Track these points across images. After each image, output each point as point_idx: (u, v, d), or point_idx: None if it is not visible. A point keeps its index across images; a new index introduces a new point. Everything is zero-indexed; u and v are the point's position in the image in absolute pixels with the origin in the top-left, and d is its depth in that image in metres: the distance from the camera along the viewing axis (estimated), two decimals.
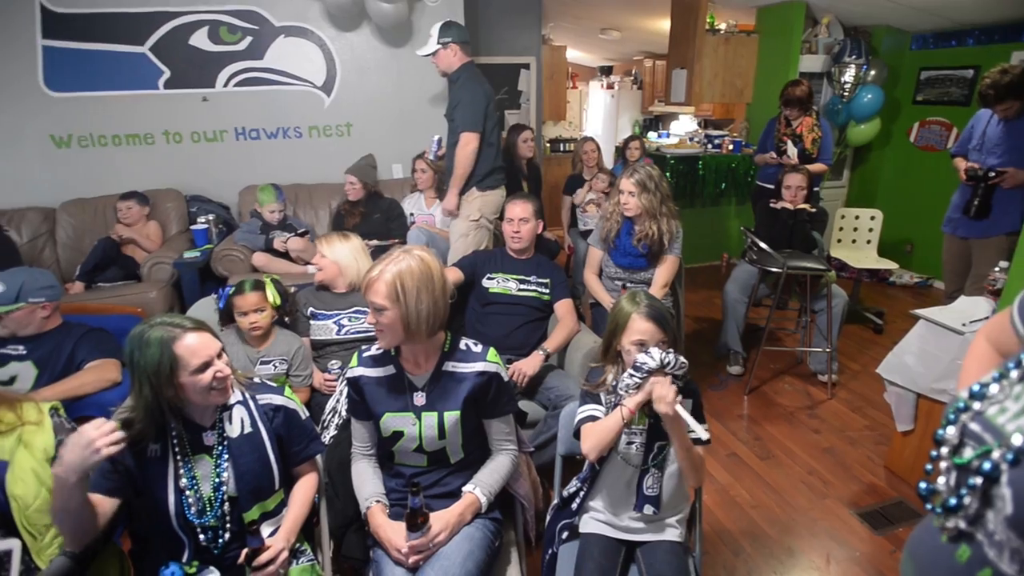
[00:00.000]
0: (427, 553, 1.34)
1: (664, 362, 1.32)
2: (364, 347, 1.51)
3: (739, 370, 3.33)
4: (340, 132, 3.91)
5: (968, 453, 0.72)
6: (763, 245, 3.06)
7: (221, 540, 1.30)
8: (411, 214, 3.52)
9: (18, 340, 1.94)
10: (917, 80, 4.70)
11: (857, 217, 4.25)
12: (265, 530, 1.33)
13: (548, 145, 6.87)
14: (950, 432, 0.76)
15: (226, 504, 1.30)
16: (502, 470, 1.48)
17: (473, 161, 2.82)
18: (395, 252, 1.37)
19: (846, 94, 4.55)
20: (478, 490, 1.42)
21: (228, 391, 1.31)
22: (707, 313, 4.20)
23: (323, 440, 1.77)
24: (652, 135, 7.06)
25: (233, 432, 1.32)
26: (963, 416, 0.76)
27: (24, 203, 3.44)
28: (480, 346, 1.48)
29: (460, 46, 2.90)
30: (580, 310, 2.52)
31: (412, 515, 1.31)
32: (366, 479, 1.47)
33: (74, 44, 3.37)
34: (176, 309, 3.25)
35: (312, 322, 2.16)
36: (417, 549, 1.33)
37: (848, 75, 4.49)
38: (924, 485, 0.76)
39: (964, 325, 2.15)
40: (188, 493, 1.27)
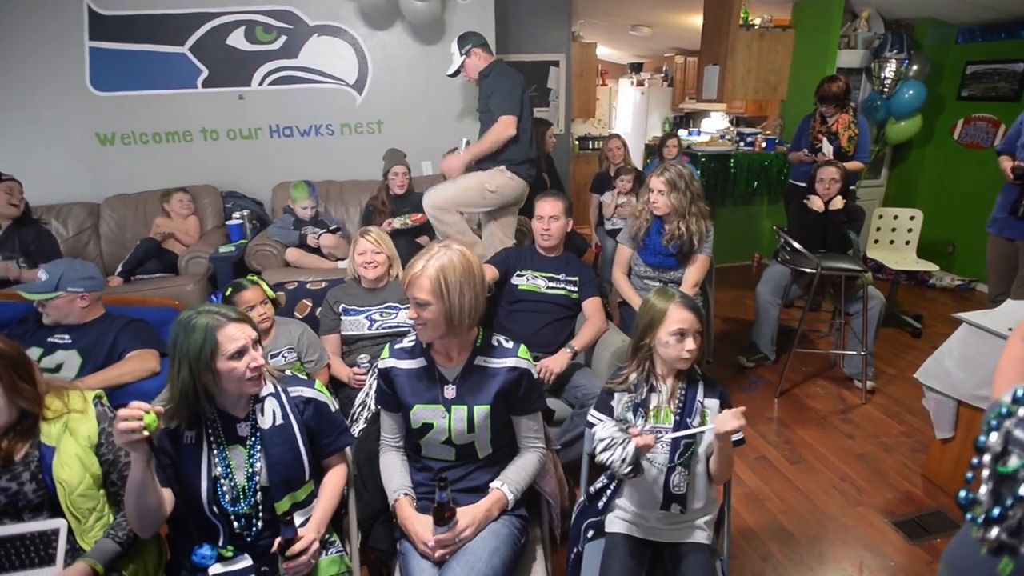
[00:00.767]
0: (453, 547, 1.35)
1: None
2: (396, 339, 1.53)
3: (749, 363, 3.34)
4: (371, 130, 3.96)
5: (1014, 462, 0.69)
6: (796, 245, 3.00)
7: (255, 528, 1.34)
8: None
9: (64, 329, 2.03)
10: (963, 75, 4.52)
11: (896, 217, 4.12)
12: (297, 520, 1.36)
13: (576, 143, 6.84)
14: (993, 439, 0.73)
15: (259, 494, 1.33)
16: (529, 468, 1.48)
17: (503, 143, 2.85)
18: (435, 247, 1.38)
19: (886, 90, 4.41)
20: (505, 487, 1.43)
21: (262, 381, 1.34)
22: (737, 314, 4.13)
23: (352, 433, 1.80)
24: (682, 133, 6.95)
25: (265, 424, 1.35)
26: (1007, 422, 0.73)
27: (70, 198, 3.58)
28: (511, 342, 1.49)
29: (480, 48, 2.96)
30: (608, 309, 2.50)
31: (439, 509, 1.32)
32: (394, 471, 1.49)
33: (118, 45, 3.49)
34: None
35: (343, 317, 2.20)
36: (443, 543, 1.34)
37: (888, 70, 4.35)
38: (964, 494, 0.74)
39: (1009, 330, 2.07)
40: (223, 481, 1.31)
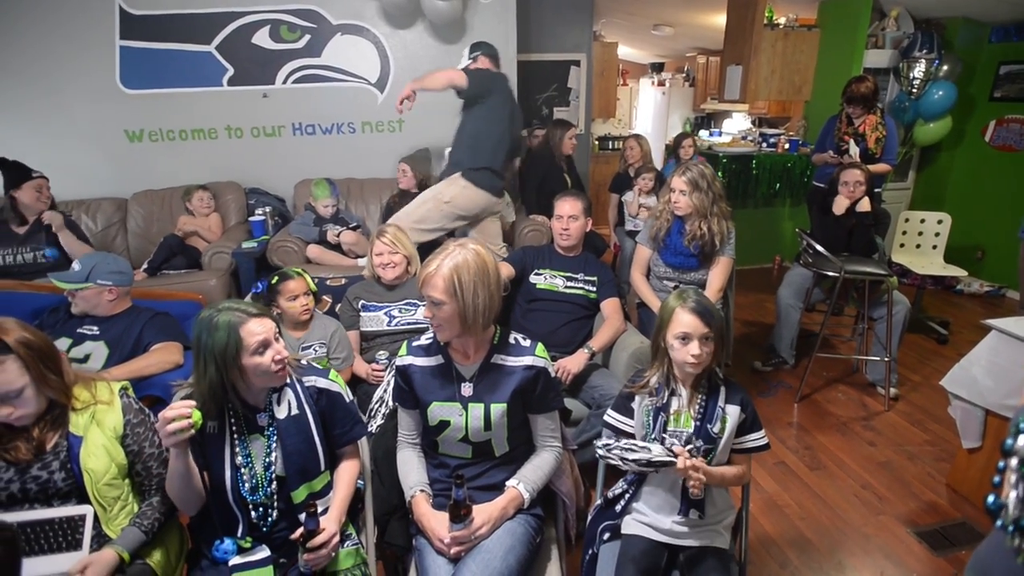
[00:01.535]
0: (468, 545, 1.36)
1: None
2: (414, 336, 1.54)
3: (766, 368, 3.30)
4: (392, 128, 3.99)
5: None
6: (819, 248, 2.95)
7: (270, 518, 1.35)
8: None
9: (93, 321, 2.08)
10: (995, 75, 4.41)
11: (923, 220, 4.03)
12: (320, 508, 1.37)
13: (596, 143, 6.81)
14: (1021, 443, 0.71)
15: (274, 483, 1.35)
16: (546, 467, 1.48)
17: (442, 87, 2.80)
18: (450, 246, 1.39)
19: (915, 91, 4.32)
20: (521, 485, 1.43)
21: (286, 373, 1.36)
22: (757, 317, 4.08)
23: (370, 429, 1.82)
24: (703, 133, 6.90)
25: (281, 413, 1.37)
26: None
27: (99, 193, 3.67)
28: (529, 340, 1.49)
29: (487, 58, 3.02)
30: (626, 310, 2.49)
31: (455, 506, 1.33)
32: (411, 468, 1.50)
33: (148, 44, 3.56)
34: (233, 297, 3.40)
35: (363, 314, 2.22)
36: (459, 540, 1.34)
37: (917, 70, 4.26)
38: (992, 499, 0.71)
39: None
40: (243, 471, 1.33)
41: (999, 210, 4.35)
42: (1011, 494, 0.70)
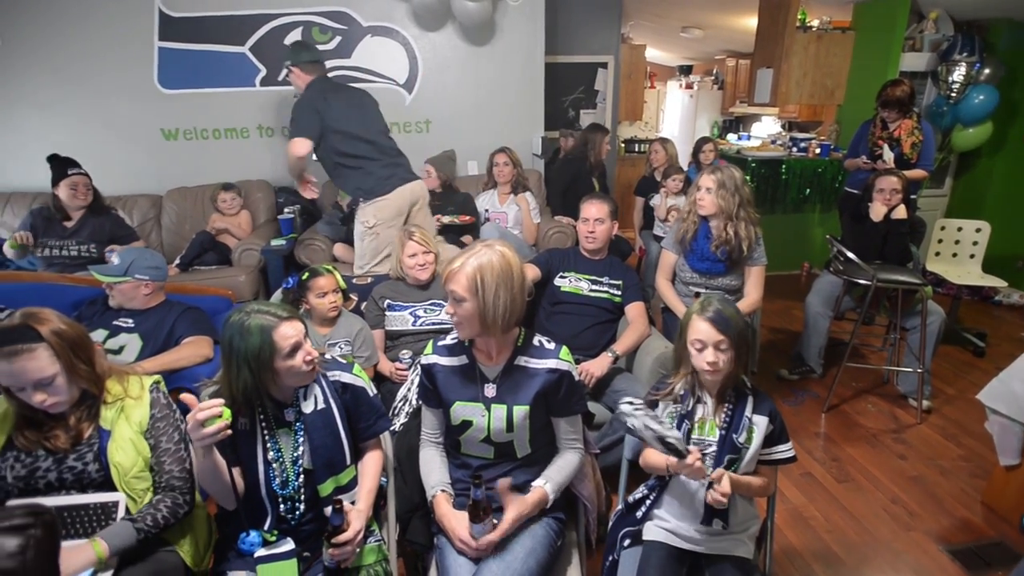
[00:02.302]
0: (489, 547, 1.35)
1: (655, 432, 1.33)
2: (440, 336, 1.55)
3: (792, 376, 3.24)
4: (419, 128, 4.02)
5: None
6: (850, 255, 2.88)
7: (298, 511, 1.38)
8: (485, 211, 3.57)
9: (128, 314, 2.14)
10: None
11: (960, 229, 3.91)
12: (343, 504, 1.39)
13: (622, 145, 6.77)
14: None
15: (302, 477, 1.37)
16: (569, 467, 1.48)
17: (292, 161, 2.78)
18: (477, 246, 1.39)
19: (953, 95, 4.20)
20: (548, 485, 1.43)
21: (316, 371, 1.38)
22: (784, 324, 4.00)
23: (394, 427, 1.83)
24: (732, 137, 6.81)
25: (308, 408, 1.39)
26: None
27: (136, 190, 3.78)
28: (553, 343, 1.48)
29: (299, 68, 2.82)
30: (650, 314, 2.47)
31: (475, 506, 1.33)
32: (433, 467, 1.51)
33: (185, 45, 3.66)
34: (261, 293, 3.47)
35: (388, 313, 2.24)
36: (483, 545, 1.34)
37: (957, 74, 4.14)
38: None
39: None
40: (275, 466, 1.36)
41: None
42: None
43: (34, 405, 1.25)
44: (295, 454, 1.37)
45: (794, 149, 5.10)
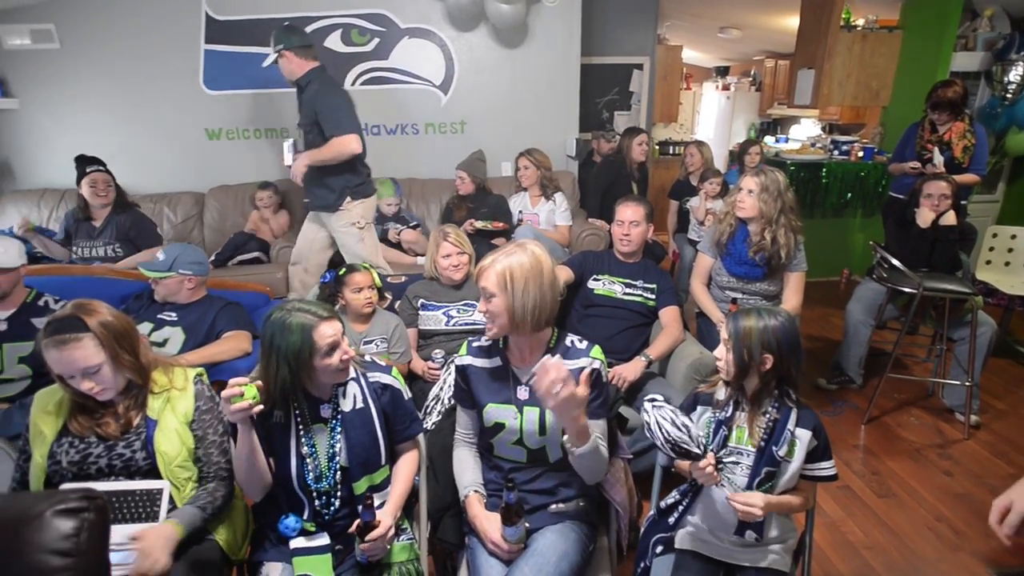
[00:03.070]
0: (518, 549, 1.36)
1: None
2: (473, 337, 1.56)
3: (830, 386, 3.18)
4: (454, 129, 4.05)
5: None
6: (895, 262, 2.78)
7: (333, 507, 1.40)
8: (519, 212, 3.57)
9: (172, 308, 2.21)
10: None
11: (1013, 236, 3.73)
12: (377, 502, 1.40)
13: (657, 148, 6.70)
14: None
15: (338, 473, 1.39)
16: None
17: (344, 158, 2.68)
18: (510, 246, 1.40)
19: (1009, 96, 4.01)
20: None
21: (348, 372, 1.41)
22: (822, 332, 3.89)
23: (426, 426, 1.85)
24: (769, 139, 6.66)
25: (346, 407, 1.41)
26: None
27: (180, 188, 3.91)
28: (585, 343, 1.48)
29: (293, 53, 2.69)
30: (684, 319, 2.43)
31: (507, 510, 1.33)
32: (466, 467, 1.52)
33: (229, 48, 3.77)
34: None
35: (421, 312, 2.26)
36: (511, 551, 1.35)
37: (1014, 74, 3.96)
38: None
39: None
40: (308, 460, 1.38)
41: None
42: None
43: (83, 392, 1.30)
44: (331, 451, 1.39)
45: (835, 152, 4.95)
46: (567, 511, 1.45)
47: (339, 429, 1.40)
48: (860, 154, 4.74)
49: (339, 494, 1.40)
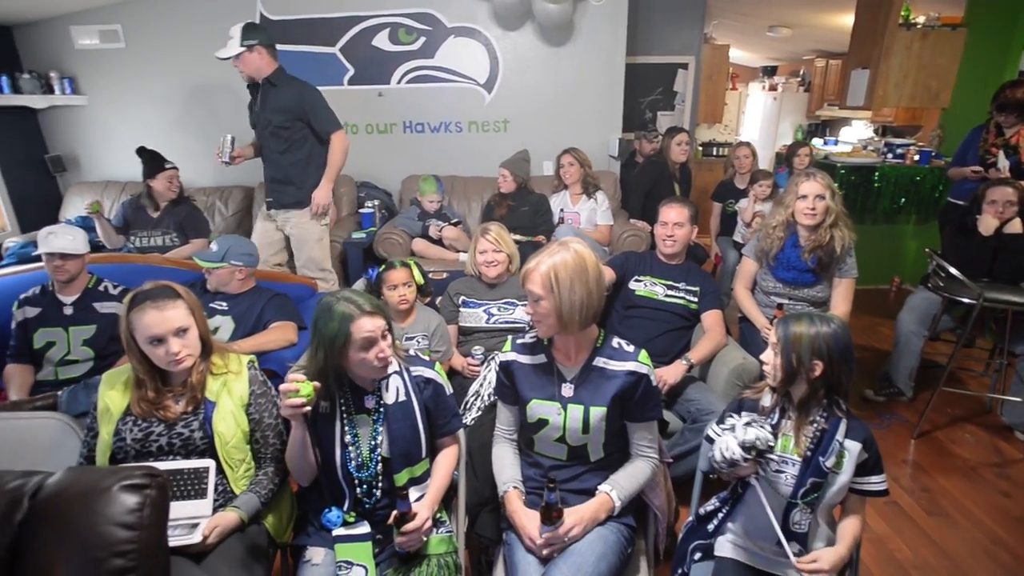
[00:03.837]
0: (558, 546, 1.36)
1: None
2: (519, 334, 1.57)
3: (878, 397, 3.05)
4: (497, 128, 4.08)
5: None
6: (953, 271, 2.66)
7: (374, 496, 1.43)
8: (560, 210, 3.57)
9: (223, 297, 2.29)
10: None
11: None
12: (412, 495, 1.43)
13: (700, 149, 6.59)
14: None
15: (379, 464, 1.42)
16: (641, 476, 1.45)
17: (346, 156, 2.87)
18: (553, 245, 1.40)
19: None
20: (614, 492, 1.41)
21: (386, 369, 1.43)
22: (870, 341, 3.76)
23: (465, 421, 1.87)
24: (817, 141, 6.46)
25: (389, 399, 1.44)
26: None
27: (231, 182, 4.05)
28: (632, 347, 1.47)
29: (267, 50, 2.75)
30: (726, 323, 2.38)
31: (547, 509, 1.33)
32: (506, 463, 1.53)
33: (281, 47, 3.85)
34: (341, 283, 3.62)
35: (462, 309, 2.28)
36: (549, 542, 1.35)
37: None
38: None
39: None
40: (351, 449, 1.42)
41: None
42: None
43: (169, 356, 1.38)
44: (373, 442, 1.42)
45: (889, 155, 4.76)
46: None
47: (382, 420, 1.43)
48: (916, 158, 4.54)
49: (380, 484, 1.43)
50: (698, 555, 1.49)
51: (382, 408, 1.44)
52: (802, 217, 2.29)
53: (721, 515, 1.47)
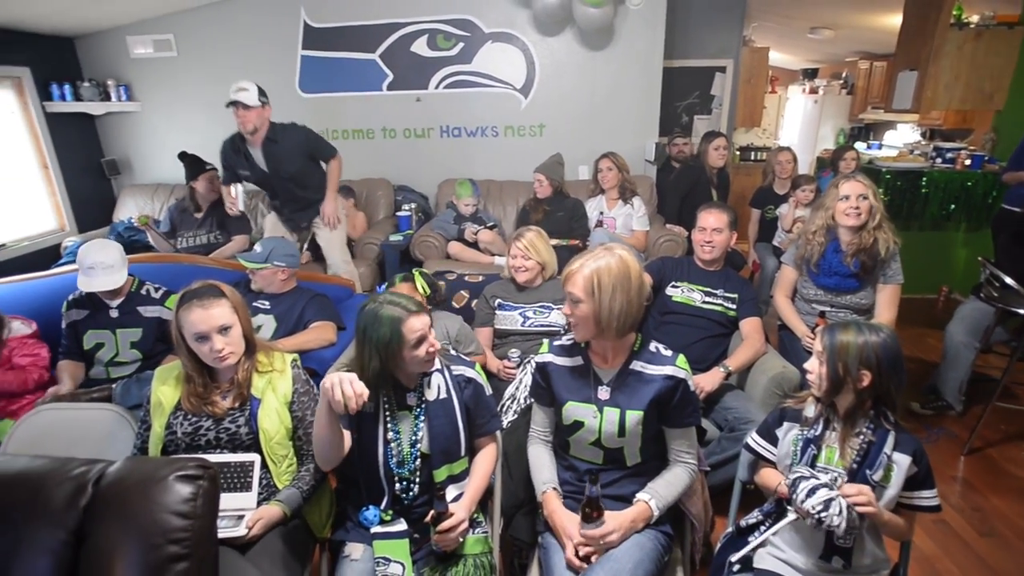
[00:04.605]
0: (596, 549, 1.35)
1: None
2: (555, 336, 1.57)
3: (924, 411, 2.94)
4: (533, 132, 4.10)
5: None
6: (1009, 280, 2.55)
7: (411, 492, 1.45)
8: (599, 214, 3.56)
9: (265, 297, 2.36)
10: None
11: None
12: (450, 493, 1.45)
13: (738, 153, 6.47)
14: None
15: (419, 460, 1.44)
16: (679, 484, 1.44)
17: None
18: (598, 249, 1.40)
19: None
20: (653, 501, 1.40)
21: (434, 362, 1.46)
22: (916, 352, 3.62)
23: (502, 424, 1.88)
24: (860, 145, 6.27)
25: (431, 396, 1.46)
26: None
27: None
28: (670, 351, 1.46)
29: (269, 110, 3.03)
30: (765, 331, 2.33)
31: (589, 503, 1.32)
32: (543, 464, 1.53)
33: (323, 53, 3.99)
34: (378, 284, 3.68)
35: (498, 312, 2.30)
36: (588, 540, 1.34)
37: None
38: None
39: None
40: (392, 445, 1.44)
41: None
42: None
43: (213, 353, 1.43)
44: (414, 437, 1.45)
45: (938, 160, 4.59)
46: None
47: (423, 416, 1.46)
48: (967, 162, 4.37)
49: (418, 480, 1.45)
50: (737, 567, 1.46)
51: (423, 404, 1.46)
52: (844, 218, 2.21)
53: (764, 528, 1.44)
